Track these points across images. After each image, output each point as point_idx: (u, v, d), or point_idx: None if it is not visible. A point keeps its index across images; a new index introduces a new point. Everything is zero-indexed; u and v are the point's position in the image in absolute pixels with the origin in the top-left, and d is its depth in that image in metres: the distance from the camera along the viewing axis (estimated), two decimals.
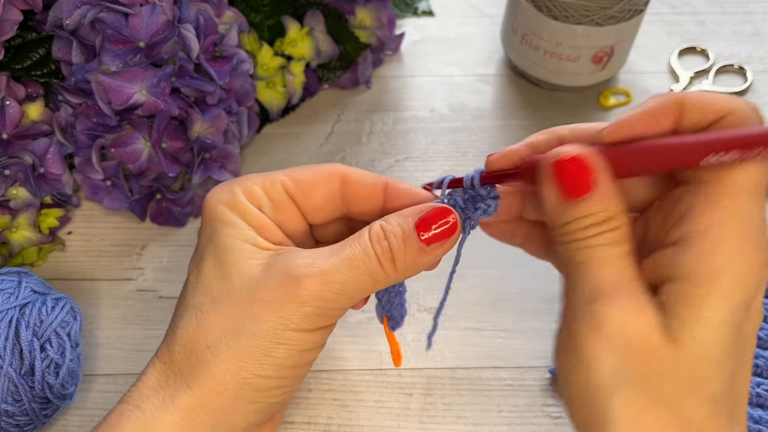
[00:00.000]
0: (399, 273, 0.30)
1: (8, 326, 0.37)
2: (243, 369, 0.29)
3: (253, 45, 0.54)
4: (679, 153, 0.25)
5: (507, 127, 0.57)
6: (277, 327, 0.29)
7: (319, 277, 0.29)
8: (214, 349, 0.29)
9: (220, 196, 0.32)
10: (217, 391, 0.29)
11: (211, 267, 0.31)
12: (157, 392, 0.29)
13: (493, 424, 0.41)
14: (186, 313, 0.30)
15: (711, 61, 0.61)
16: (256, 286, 0.29)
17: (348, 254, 0.29)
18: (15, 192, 0.46)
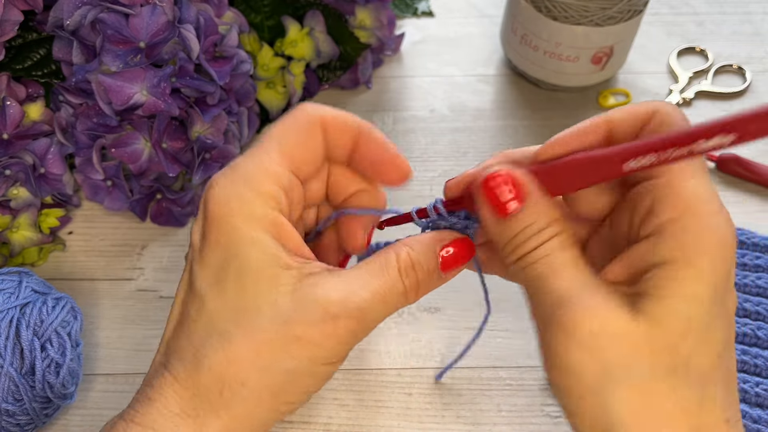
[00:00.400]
0: (420, 295, 0.30)
1: (9, 326, 0.37)
2: (275, 400, 0.29)
3: (254, 45, 0.54)
4: (600, 163, 0.27)
5: (507, 127, 0.57)
6: (311, 364, 0.28)
7: (355, 317, 0.28)
8: (248, 385, 0.28)
9: (231, 201, 0.29)
10: (249, 421, 0.29)
11: (236, 291, 0.28)
12: (185, 421, 0.28)
13: (493, 423, 0.42)
14: (211, 340, 0.28)
15: (710, 61, 0.61)
16: (288, 320, 0.28)
17: (379, 289, 0.29)
18: (16, 192, 0.46)
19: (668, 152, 0.25)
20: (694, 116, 0.58)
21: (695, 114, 0.58)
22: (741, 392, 0.41)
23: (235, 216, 0.28)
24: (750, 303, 0.44)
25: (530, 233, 0.27)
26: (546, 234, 0.27)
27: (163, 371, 0.29)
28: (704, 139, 0.24)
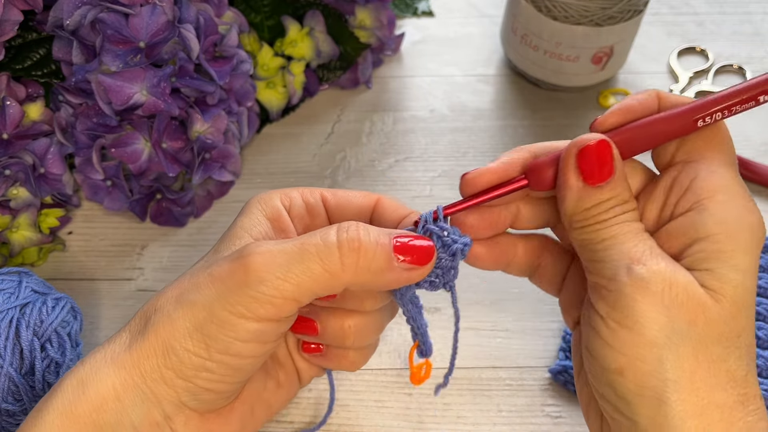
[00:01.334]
0: (358, 271, 0.29)
1: (9, 326, 0.37)
2: (172, 337, 0.28)
3: (253, 45, 0.54)
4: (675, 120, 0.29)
5: (507, 127, 0.57)
6: (213, 303, 0.28)
7: (263, 255, 0.28)
8: (158, 312, 0.29)
9: (259, 195, 0.34)
10: (147, 354, 0.29)
11: (211, 252, 0.32)
12: (104, 347, 0.30)
13: (493, 423, 0.42)
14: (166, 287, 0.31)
15: (710, 61, 0.61)
16: (214, 262, 0.30)
17: (304, 238, 0.29)
18: (15, 192, 0.46)
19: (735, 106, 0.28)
20: None
21: None
22: None
23: (254, 201, 0.33)
24: None
25: (614, 203, 0.28)
26: (627, 206, 0.29)
27: None
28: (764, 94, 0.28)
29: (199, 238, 0.50)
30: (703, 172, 0.29)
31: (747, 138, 0.55)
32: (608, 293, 0.27)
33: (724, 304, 0.26)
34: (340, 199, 0.34)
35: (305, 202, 0.34)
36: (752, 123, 0.57)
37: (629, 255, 0.27)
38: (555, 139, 0.50)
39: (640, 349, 0.26)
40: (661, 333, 0.26)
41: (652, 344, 0.26)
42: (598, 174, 0.28)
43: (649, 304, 0.26)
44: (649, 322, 0.26)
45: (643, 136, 0.30)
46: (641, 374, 0.26)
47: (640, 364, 0.26)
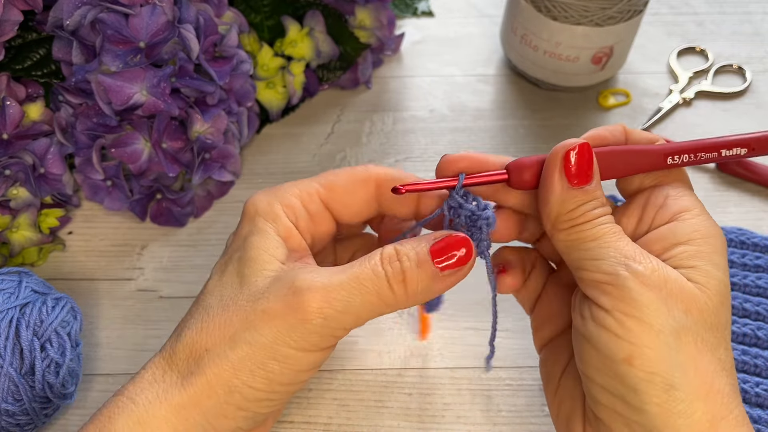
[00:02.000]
0: (410, 296, 0.30)
1: (8, 326, 0.37)
2: (235, 377, 0.29)
3: (253, 45, 0.54)
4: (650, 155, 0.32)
5: (507, 127, 0.57)
6: (275, 342, 0.29)
7: (321, 291, 0.29)
8: (211, 353, 0.29)
9: (259, 205, 0.33)
10: (208, 394, 0.29)
11: (232, 274, 0.31)
12: (152, 386, 0.30)
13: (493, 424, 0.42)
14: (196, 313, 0.31)
15: (710, 61, 0.61)
16: (260, 296, 0.29)
17: (355, 272, 0.30)
18: (15, 192, 0.46)
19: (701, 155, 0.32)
20: (694, 116, 0.58)
21: (695, 114, 0.58)
22: (741, 392, 0.41)
23: (259, 214, 0.32)
24: (750, 303, 0.44)
25: (596, 205, 0.30)
26: (607, 209, 0.31)
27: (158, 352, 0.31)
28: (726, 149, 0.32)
29: (199, 238, 0.50)
30: (673, 192, 0.32)
31: None
32: (612, 288, 0.28)
33: (710, 295, 0.28)
34: (339, 196, 0.34)
35: (308, 211, 0.33)
36: (752, 123, 0.57)
37: (623, 253, 0.29)
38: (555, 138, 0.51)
39: (649, 337, 0.27)
40: (665, 322, 0.27)
41: (659, 331, 0.27)
42: (581, 176, 0.30)
43: (652, 296, 0.28)
44: (654, 312, 0.27)
45: (619, 162, 0.32)
46: (651, 361, 0.27)
47: (649, 351, 0.27)
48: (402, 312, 0.46)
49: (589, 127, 0.56)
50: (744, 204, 0.52)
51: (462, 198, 0.32)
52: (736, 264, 0.46)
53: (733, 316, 0.44)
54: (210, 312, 0.30)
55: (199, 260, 0.49)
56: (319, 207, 0.34)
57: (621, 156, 0.32)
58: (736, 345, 0.43)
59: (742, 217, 0.50)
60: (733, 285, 0.45)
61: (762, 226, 0.50)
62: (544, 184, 0.31)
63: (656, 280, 0.28)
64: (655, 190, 0.33)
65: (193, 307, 0.32)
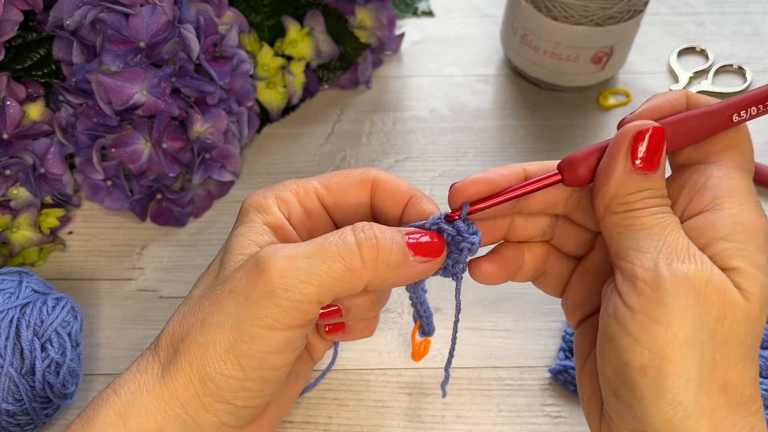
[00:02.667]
0: (379, 267, 0.29)
1: (9, 326, 0.37)
2: (207, 364, 0.28)
3: (254, 45, 0.54)
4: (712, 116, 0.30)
5: (507, 127, 0.57)
6: (240, 320, 0.28)
7: (282, 260, 0.28)
8: (185, 339, 0.29)
9: (253, 199, 0.32)
10: (185, 384, 0.28)
11: (215, 264, 0.31)
12: (135, 376, 0.29)
13: (493, 423, 0.42)
14: (181, 306, 0.31)
15: (710, 61, 0.61)
16: (229, 277, 0.29)
17: (321, 240, 0.29)
18: (16, 192, 0.46)
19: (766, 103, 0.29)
20: None
21: None
22: None
23: (252, 206, 0.32)
24: None
25: (655, 194, 0.28)
26: (666, 200, 0.29)
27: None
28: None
29: (199, 238, 0.50)
30: (719, 173, 0.29)
31: None
32: (645, 286, 0.27)
33: (754, 303, 0.26)
34: (335, 194, 0.33)
35: (303, 206, 0.33)
36: (752, 123, 0.57)
37: (671, 248, 0.27)
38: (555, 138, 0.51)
39: (671, 349, 0.26)
40: (694, 333, 0.26)
41: (683, 344, 0.26)
42: (648, 161, 0.28)
43: (687, 302, 0.26)
44: (685, 321, 0.26)
45: (679, 133, 0.29)
46: (665, 375, 0.26)
47: (667, 364, 0.26)
48: (402, 312, 0.46)
49: (590, 127, 0.56)
50: None
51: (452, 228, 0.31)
52: None
53: None
54: (191, 301, 0.30)
55: (199, 260, 0.49)
56: (316, 204, 0.33)
57: (680, 125, 0.30)
58: None
59: None
60: None
61: None
62: (606, 163, 0.29)
63: (697, 284, 0.26)
64: (699, 168, 0.30)
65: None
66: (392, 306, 0.46)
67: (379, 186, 0.33)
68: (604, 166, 0.29)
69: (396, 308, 0.46)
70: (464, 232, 0.31)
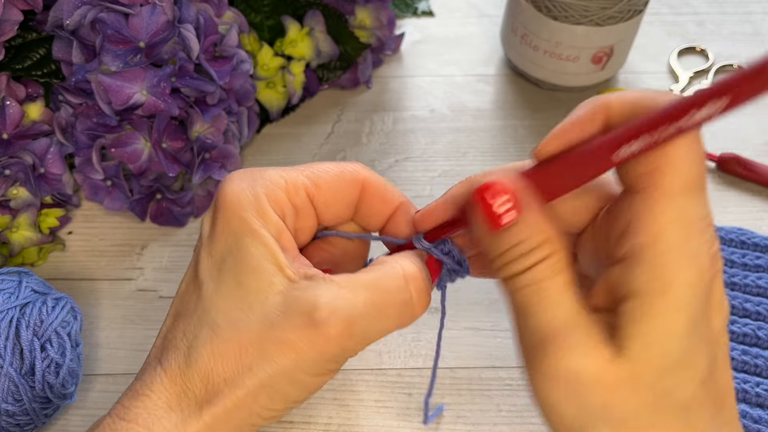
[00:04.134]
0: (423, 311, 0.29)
1: (8, 326, 0.37)
2: (255, 403, 0.28)
3: (253, 45, 0.54)
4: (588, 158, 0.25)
5: (507, 127, 0.57)
6: (293, 371, 0.28)
7: (341, 324, 0.27)
8: (230, 384, 0.28)
9: (243, 197, 0.29)
10: (226, 420, 0.28)
11: (231, 284, 0.29)
12: (168, 414, 0.28)
13: (493, 423, 0.41)
14: (202, 332, 0.29)
15: (710, 61, 0.61)
16: (275, 323, 0.28)
17: (376, 298, 0.28)
18: (15, 192, 0.46)
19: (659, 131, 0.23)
20: None
21: None
22: (741, 392, 0.41)
23: (245, 209, 0.29)
24: (750, 303, 0.44)
25: (522, 250, 0.26)
26: (539, 253, 0.26)
27: (156, 365, 0.29)
28: (696, 109, 0.22)
29: None
30: (645, 207, 0.24)
31: (747, 138, 0.55)
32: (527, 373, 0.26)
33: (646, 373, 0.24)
34: (325, 193, 0.31)
35: (294, 206, 0.31)
36: (752, 123, 0.57)
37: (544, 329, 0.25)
38: None
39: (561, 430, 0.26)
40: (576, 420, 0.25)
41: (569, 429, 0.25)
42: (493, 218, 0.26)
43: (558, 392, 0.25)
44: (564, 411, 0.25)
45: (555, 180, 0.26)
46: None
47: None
48: None
49: None
50: (744, 204, 0.52)
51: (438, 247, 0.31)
52: (737, 264, 0.46)
53: (734, 315, 0.44)
54: (220, 333, 0.28)
55: None
56: (305, 202, 0.31)
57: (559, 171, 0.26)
58: (737, 345, 0.43)
59: (742, 217, 0.50)
60: (733, 285, 0.45)
61: (762, 226, 0.50)
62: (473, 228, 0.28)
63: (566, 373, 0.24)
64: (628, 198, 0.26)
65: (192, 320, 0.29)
66: None
67: (369, 188, 0.31)
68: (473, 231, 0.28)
69: None
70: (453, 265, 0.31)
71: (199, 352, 0.28)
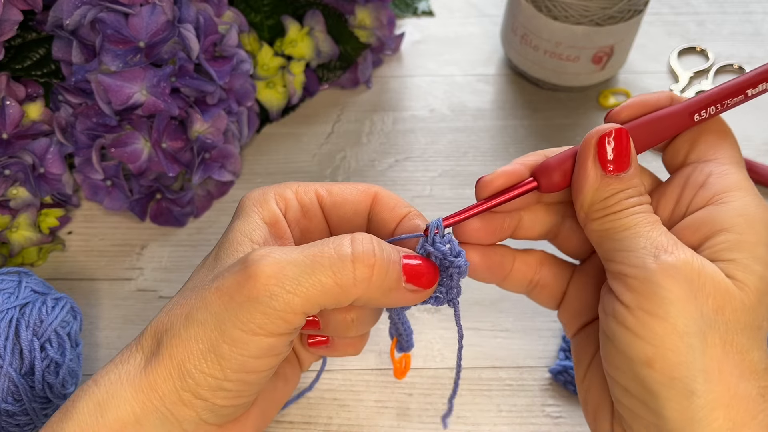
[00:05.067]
0: (369, 288, 0.28)
1: (8, 326, 0.37)
2: (187, 360, 0.28)
3: (253, 45, 0.54)
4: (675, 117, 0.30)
5: (507, 127, 0.57)
6: (223, 320, 0.27)
7: (270, 266, 0.27)
8: (169, 332, 0.28)
9: (253, 194, 0.33)
10: (164, 377, 0.28)
11: (210, 258, 0.31)
12: (116, 367, 0.29)
13: (493, 424, 0.41)
14: (174, 297, 0.31)
15: (711, 61, 0.61)
16: (219, 274, 0.29)
17: (313, 250, 0.28)
18: (15, 192, 0.46)
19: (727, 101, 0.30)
20: None
21: None
22: None
23: (249, 201, 0.32)
24: None
25: (633, 194, 0.29)
26: (644, 198, 0.29)
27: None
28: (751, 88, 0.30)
29: (199, 238, 0.50)
30: (718, 170, 0.30)
31: (747, 138, 0.55)
32: (636, 282, 0.27)
33: (749, 293, 0.27)
34: (335, 197, 0.33)
35: (300, 203, 0.33)
36: (752, 122, 0.57)
37: (655, 243, 0.27)
38: (555, 138, 0.50)
39: (672, 339, 0.26)
40: (692, 322, 0.26)
41: (683, 333, 0.26)
42: (617, 163, 0.29)
43: (680, 292, 0.26)
44: (680, 311, 0.26)
45: (645, 133, 0.30)
46: (672, 365, 0.26)
47: (671, 354, 0.26)
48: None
49: (590, 127, 0.56)
50: None
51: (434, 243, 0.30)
52: None
53: None
54: (182, 294, 0.30)
55: (198, 260, 0.49)
56: (314, 203, 0.33)
57: (645, 126, 0.30)
58: None
59: None
60: None
61: None
62: (578, 172, 0.29)
63: (687, 274, 0.26)
64: (698, 166, 0.30)
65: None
66: None
67: (380, 200, 0.33)
68: (576, 175, 0.30)
69: None
70: (449, 256, 0.30)
71: (159, 313, 0.30)
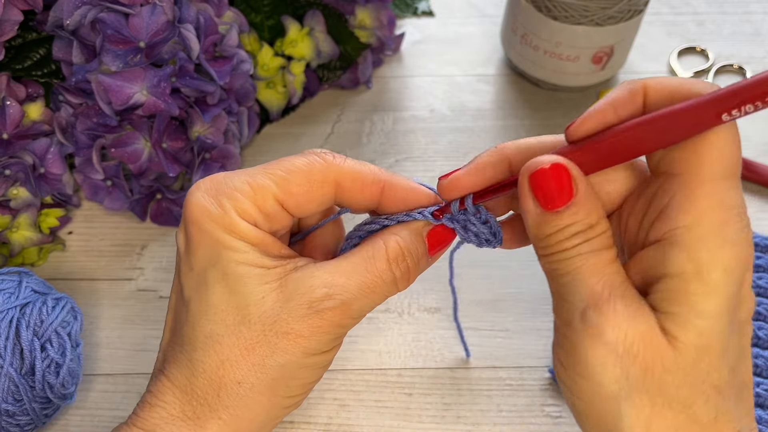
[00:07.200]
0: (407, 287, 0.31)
1: (9, 326, 0.37)
2: (275, 395, 0.30)
3: (254, 45, 0.54)
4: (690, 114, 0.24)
5: (507, 127, 0.57)
6: (303, 356, 0.29)
7: (340, 309, 0.29)
8: (244, 384, 0.29)
9: (211, 211, 0.29)
10: (250, 418, 0.29)
11: (222, 296, 0.29)
12: (185, 422, 0.29)
13: (493, 423, 0.41)
14: (200, 343, 0.29)
15: (711, 61, 0.61)
16: (276, 318, 0.29)
17: (366, 281, 0.30)
18: (15, 192, 0.46)
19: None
20: None
21: None
22: None
23: (214, 222, 0.29)
24: None
25: (575, 230, 0.26)
26: (591, 232, 0.26)
27: (161, 377, 0.30)
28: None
29: None
30: (684, 191, 0.25)
31: (747, 138, 0.55)
32: (565, 340, 0.26)
33: (683, 352, 0.25)
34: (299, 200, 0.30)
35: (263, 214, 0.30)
36: (752, 122, 0.57)
37: (588, 294, 0.25)
38: None
39: (599, 401, 0.26)
40: (616, 385, 0.25)
41: (608, 396, 0.25)
42: (555, 199, 0.26)
43: (603, 354, 0.25)
44: (604, 374, 0.25)
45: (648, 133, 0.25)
46: (600, 422, 0.26)
47: (599, 414, 0.26)
48: (402, 312, 0.46)
49: None
50: None
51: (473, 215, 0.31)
52: None
53: None
54: (220, 341, 0.29)
55: None
56: (275, 209, 0.30)
57: (644, 127, 0.25)
58: None
59: None
60: None
61: (762, 226, 0.50)
62: (520, 206, 0.27)
63: (612, 336, 0.25)
64: (667, 180, 0.26)
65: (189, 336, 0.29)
66: (392, 306, 0.46)
67: (343, 182, 0.30)
68: (521, 208, 0.28)
69: (396, 308, 0.46)
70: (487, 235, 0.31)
71: (203, 362, 0.29)
